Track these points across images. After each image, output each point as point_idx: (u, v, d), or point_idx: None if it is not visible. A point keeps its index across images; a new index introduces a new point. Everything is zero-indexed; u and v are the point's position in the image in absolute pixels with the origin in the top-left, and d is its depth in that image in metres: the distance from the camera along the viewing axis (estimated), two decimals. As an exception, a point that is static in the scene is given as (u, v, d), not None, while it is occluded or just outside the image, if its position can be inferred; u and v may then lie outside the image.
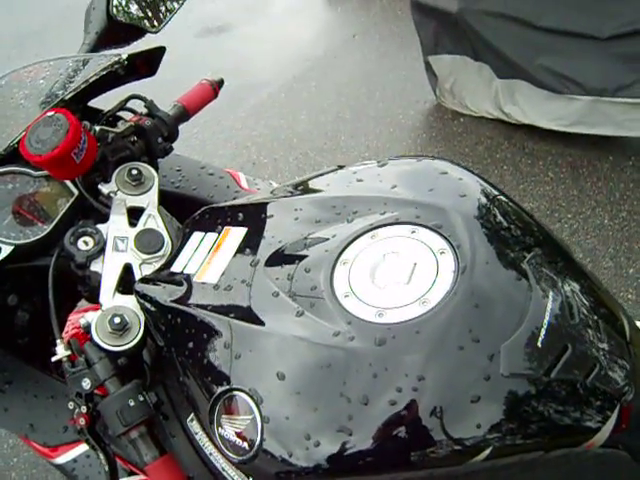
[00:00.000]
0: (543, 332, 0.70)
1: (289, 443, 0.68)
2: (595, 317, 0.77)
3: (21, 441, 1.97)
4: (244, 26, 4.30)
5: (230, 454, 0.73)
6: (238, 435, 0.72)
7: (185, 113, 1.16)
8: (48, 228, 1.00)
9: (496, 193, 0.85)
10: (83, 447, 1.01)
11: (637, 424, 0.77)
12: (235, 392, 0.73)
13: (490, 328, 0.69)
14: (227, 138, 3.26)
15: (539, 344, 0.69)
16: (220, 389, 0.74)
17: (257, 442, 0.70)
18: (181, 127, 1.15)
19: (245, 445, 0.71)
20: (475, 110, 3.12)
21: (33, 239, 0.99)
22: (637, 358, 0.79)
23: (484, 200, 0.82)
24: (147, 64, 1.11)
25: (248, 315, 0.78)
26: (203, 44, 3.99)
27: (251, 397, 0.71)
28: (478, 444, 0.65)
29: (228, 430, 0.73)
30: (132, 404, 0.84)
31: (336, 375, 0.69)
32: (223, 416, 0.74)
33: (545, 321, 0.70)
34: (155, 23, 1.17)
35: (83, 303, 1.26)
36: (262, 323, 0.77)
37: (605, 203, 2.61)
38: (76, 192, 1.02)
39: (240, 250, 0.88)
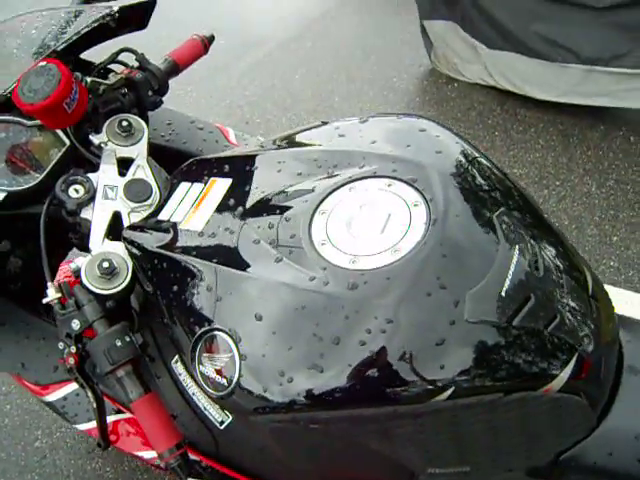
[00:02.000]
0: (507, 282, 0.74)
1: (264, 379, 0.73)
2: (559, 271, 0.81)
3: (14, 389, 2.04)
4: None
5: (210, 390, 0.77)
6: (218, 372, 0.76)
7: (175, 67, 1.18)
8: (40, 176, 1.03)
9: (471, 151, 0.88)
10: (73, 386, 1.06)
11: (596, 374, 0.82)
12: (216, 332, 0.77)
13: (457, 276, 0.73)
14: (221, 97, 3.25)
15: (503, 293, 0.73)
16: (202, 329, 0.78)
17: (235, 378, 0.74)
18: (175, 85, 1.17)
19: (224, 381, 0.75)
20: (468, 77, 3.12)
21: (25, 186, 1.02)
22: (599, 313, 0.84)
23: (459, 157, 0.85)
24: (138, 17, 1.12)
25: (230, 260, 0.82)
26: (199, 2, 3.94)
27: (230, 336, 0.75)
28: (441, 384, 0.70)
29: (208, 367, 0.77)
30: (119, 344, 0.88)
31: (310, 317, 0.73)
32: (204, 354, 0.78)
33: (510, 272, 0.74)
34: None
35: (74, 251, 1.30)
36: (243, 268, 0.80)
37: (593, 171, 2.63)
38: (68, 142, 1.05)
39: (225, 200, 0.91)
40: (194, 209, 0.93)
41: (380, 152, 0.86)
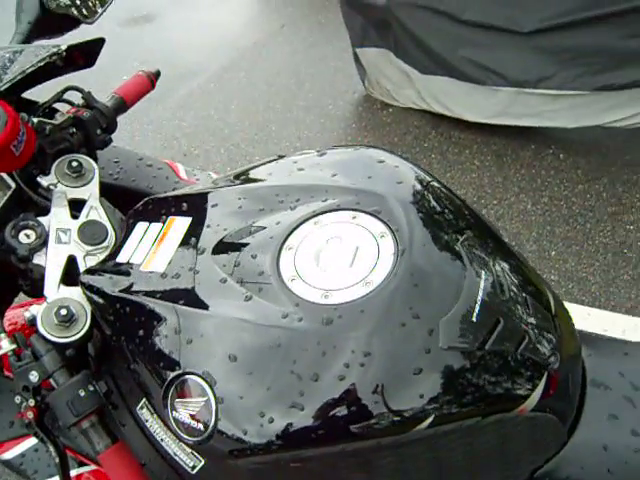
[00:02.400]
0: (477, 308, 0.75)
1: (244, 421, 0.71)
2: (523, 293, 0.83)
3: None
4: (170, 15, 4.25)
5: (185, 436, 0.75)
6: (192, 417, 0.74)
7: (123, 104, 1.16)
8: None
9: (430, 179, 0.90)
10: (30, 441, 1.01)
11: (563, 390, 0.84)
12: (188, 376, 0.75)
13: (429, 305, 0.74)
14: (156, 129, 3.22)
15: (474, 319, 0.74)
16: (173, 374, 0.76)
17: (212, 422, 0.72)
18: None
19: (200, 426, 0.73)
20: (402, 102, 3.20)
21: None
22: (562, 330, 0.86)
23: (419, 186, 0.87)
24: (85, 55, 1.10)
25: (197, 301, 0.81)
26: (128, 34, 3.91)
27: (204, 379, 0.74)
28: (421, 413, 0.70)
29: (182, 413, 0.75)
30: (82, 394, 0.84)
31: (286, 354, 0.72)
32: (177, 400, 0.76)
33: (479, 297, 0.76)
34: (89, 13, 1.15)
35: (20, 298, 1.25)
36: (211, 309, 0.79)
37: (528, 189, 2.74)
38: (13, 185, 1.01)
39: (186, 239, 0.89)
40: (154, 250, 0.90)
41: (342, 185, 0.86)
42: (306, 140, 3.09)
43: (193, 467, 0.89)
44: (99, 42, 1.08)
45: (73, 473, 0.98)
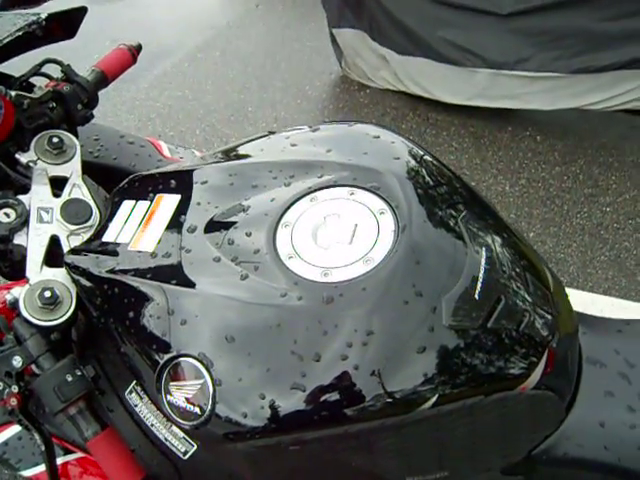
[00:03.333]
0: (479, 285, 0.74)
1: (243, 404, 0.69)
2: (523, 271, 0.82)
3: None
4: (142, -7, 4.15)
5: (181, 420, 0.72)
6: (188, 401, 0.72)
7: (104, 78, 1.11)
8: None
9: (426, 155, 0.88)
10: (13, 429, 0.97)
11: (562, 367, 0.84)
12: (183, 358, 0.73)
13: (431, 282, 0.72)
14: (130, 109, 3.15)
15: (476, 296, 0.73)
16: (167, 356, 0.73)
17: (209, 406, 0.70)
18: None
19: (196, 410, 0.71)
20: (379, 84, 3.18)
21: None
22: (560, 308, 0.86)
23: (416, 162, 0.85)
24: (67, 26, 1.05)
25: (190, 281, 0.78)
26: (100, 12, 3.78)
27: (200, 362, 0.71)
28: (425, 393, 0.69)
29: (177, 396, 0.72)
30: (70, 379, 0.81)
31: (286, 334, 0.70)
32: (171, 383, 0.73)
33: (480, 275, 0.74)
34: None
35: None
36: (205, 288, 0.76)
37: (506, 171, 2.74)
38: None
39: (175, 217, 0.86)
40: (142, 228, 0.87)
41: (337, 160, 0.84)
42: (283, 121, 3.05)
43: (185, 452, 0.87)
44: (81, 11, 1.03)
45: (59, 461, 0.94)
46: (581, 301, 2.16)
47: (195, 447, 0.86)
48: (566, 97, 2.77)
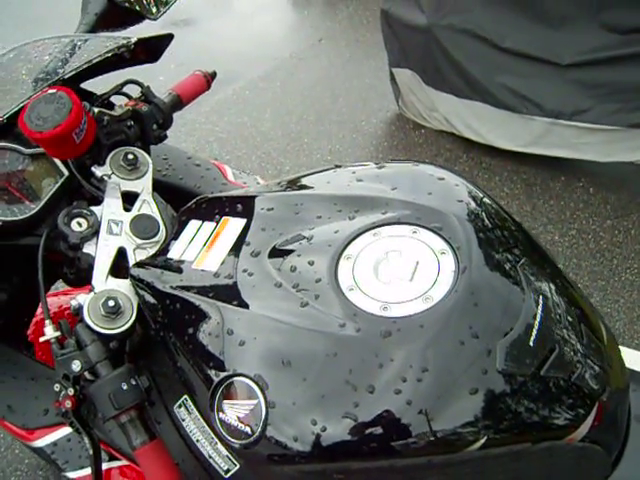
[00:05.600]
0: (534, 332, 0.74)
1: (295, 428, 0.70)
2: (577, 321, 0.82)
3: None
4: (210, 21, 4.29)
5: (230, 438, 0.74)
6: (240, 420, 0.73)
7: (179, 102, 1.16)
8: (36, 207, 0.99)
9: (489, 200, 0.89)
10: (63, 431, 1.00)
11: (611, 422, 0.83)
12: (238, 377, 0.75)
13: (488, 325, 0.73)
14: (189, 132, 3.24)
15: (531, 343, 0.73)
16: (223, 374, 0.75)
17: (260, 427, 0.72)
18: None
19: (247, 429, 0.73)
20: (434, 124, 3.20)
21: (20, 217, 0.98)
22: (612, 362, 0.85)
23: (479, 206, 0.86)
24: (153, 50, 1.11)
25: (251, 303, 0.80)
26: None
27: (256, 383, 0.73)
28: (474, 434, 0.69)
29: (230, 415, 0.74)
30: (125, 387, 0.84)
31: (343, 364, 0.71)
32: (225, 401, 0.75)
33: (537, 322, 0.75)
34: (154, 9, 1.17)
35: (58, 287, 1.25)
36: (266, 311, 0.78)
37: (556, 221, 2.72)
38: (66, 172, 1.01)
39: (240, 240, 0.89)
40: (207, 249, 0.90)
41: (402, 198, 0.86)
42: (337, 154, 3.09)
43: (227, 471, 0.89)
44: (167, 38, 1.08)
45: (104, 467, 0.97)
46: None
47: (237, 467, 0.88)
48: (622, 150, 2.74)
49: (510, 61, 2.77)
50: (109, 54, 0.99)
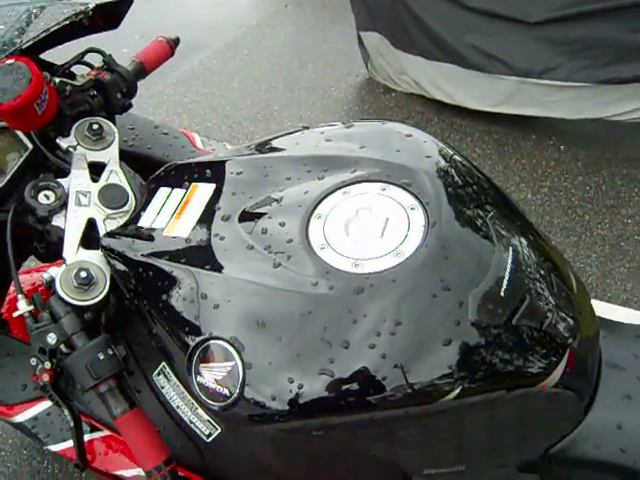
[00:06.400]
0: (505, 283, 0.75)
1: (272, 387, 0.71)
2: (547, 272, 0.83)
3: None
4: (173, -10, 4.19)
5: (209, 401, 0.75)
6: (218, 382, 0.74)
7: (143, 69, 1.14)
8: (1, 182, 0.97)
9: (456, 155, 0.90)
10: (43, 405, 1.00)
11: (582, 368, 0.85)
12: (214, 341, 0.75)
13: (459, 278, 0.74)
14: (157, 104, 3.18)
15: (502, 294, 0.75)
16: (199, 338, 0.76)
17: (238, 388, 0.72)
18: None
19: (225, 391, 0.73)
20: (403, 87, 3.19)
21: None
22: (582, 310, 0.87)
23: (447, 161, 0.87)
24: (112, 16, 1.08)
25: (223, 267, 0.80)
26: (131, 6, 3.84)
27: (232, 345, 0.73)
28: (449, 384, 0.70)
29: (207, 378, 0.75)
30: (102, 357, 0.84)
31: (317, 321, 0.72)
32: (202, 365, 0.75)
33: (507, 273, 0.76)
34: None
35: (30, 264, 1.23)
36: (239, 274, 0.78)
37: (528, 179, 2.74)
38: (30, 146, 0.99)
39: (210, 205, 0.89)
40: (177, 215, 0.90)
41: (371, 157, 0.86)
42: (308, 120, 3.06)
43: (209, 435, 0.89)
44: (127, 3, 1.06)
45: (86, 438, 0.97)
46: (599, 311, 2.16)
47: (219, 430, 0.89)
48: (591, 107, 2.76)
49: (478, 20, 2.75)
50: (67, 22, 0.97)
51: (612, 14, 2.51)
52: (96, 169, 0.99)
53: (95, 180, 0.97)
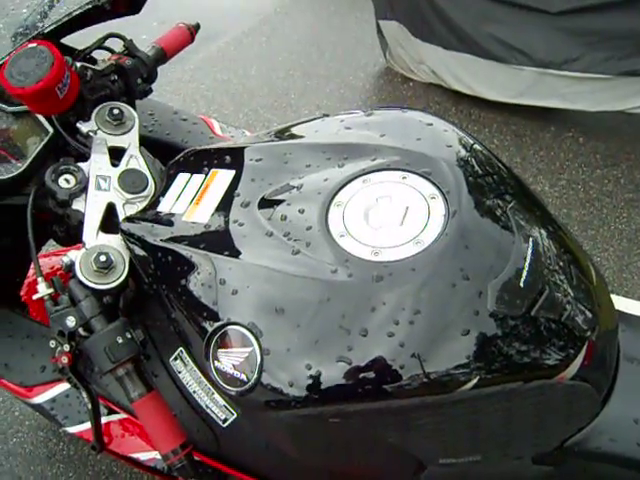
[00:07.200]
0: (525, 274, 0.75)
1: (289, 373, 0.71)
2: (567, 263, 0.83)
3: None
4: (191, -23, 4.18)
5: (227, 386, 0.75)
6: (235, 367, 0.74)
7: (163, 55, 1.14)
8: (23, 166, 0.98)
9: (478, 145, 0.89)
10: (62, 387, 1.01)
11: (600, 361, 0.85)
12: (232, 326, 0.75)
13: (479, 267, 0.73)
14: (174, 90, 3.19)
15: (522, 284, 0.74)
16: (217, 324, 0.76)
17: (255, 374, 0.72)
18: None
19: (243, 377, 0.73)
20: (422, 77, 3.17)
21: (7, 176, 0.97)
22: (601, 302, 0.86)
23: (468, 151, 0.86)
24: (131, 2, 1.08)
25: (242, 253, 0.80)
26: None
27: (250, 330, 0.74)
28: (466, 374, 0.70)
29: (225, 363, 0.75)
30: (120, 341, 0.85)
31: (335, 309, 0.72)
32: (220, 350, 0.76)
33: (527, 264, 0.75)
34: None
35: (49, 248, 1.24)
36: (258, 260, 0.78)
37: (546, 171, 2.72)
38: (51, 130, 1.00)
39: (229, 191, 0.89)
40: (196, 201, 0.90)
41: (391, 145, 0.85)
42: (325, 109, 3.06)
43: (225, 420, 0.90)
44: None
45: (103, 420, 0.98)
46: (618, 305, 2.14)
47: (235, 415, 0.89)
48: (612, 99, 2.72)
49: (498, 10, 2.72)
50: (89, 6, 0.97)
51: (633, 5, 2.48)
52: (116, 154, 1.00)
53: (115, 165, 0.98)
